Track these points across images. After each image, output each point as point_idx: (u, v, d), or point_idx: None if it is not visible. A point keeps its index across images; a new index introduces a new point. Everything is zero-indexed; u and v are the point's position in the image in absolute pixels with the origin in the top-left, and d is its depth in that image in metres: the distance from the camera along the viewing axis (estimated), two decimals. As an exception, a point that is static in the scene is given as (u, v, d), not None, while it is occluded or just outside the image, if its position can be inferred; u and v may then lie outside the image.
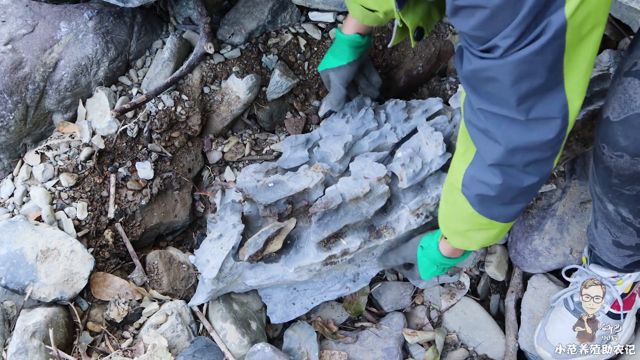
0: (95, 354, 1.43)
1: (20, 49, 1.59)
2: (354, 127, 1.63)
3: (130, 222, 1.66)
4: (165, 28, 1.83)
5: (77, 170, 1.60)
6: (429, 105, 1.69)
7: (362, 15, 1.45)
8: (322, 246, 1.44)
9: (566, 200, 1.67)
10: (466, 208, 1.16)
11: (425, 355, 1.59)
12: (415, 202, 1.50)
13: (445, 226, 1.30)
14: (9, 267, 1.43)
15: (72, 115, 1.68)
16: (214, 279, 1.43)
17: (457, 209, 1.20)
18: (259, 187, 1.50)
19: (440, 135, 1.54)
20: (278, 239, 1.45)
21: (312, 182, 1.49)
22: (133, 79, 1.74)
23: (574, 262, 1.63)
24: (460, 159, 1.15)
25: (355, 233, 1.48)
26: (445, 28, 1.91)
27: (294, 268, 1.44)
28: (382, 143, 1.62)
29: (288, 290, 1.59)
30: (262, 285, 1.53)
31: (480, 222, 1.17)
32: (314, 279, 1.57)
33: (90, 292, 1.51)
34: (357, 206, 1.48)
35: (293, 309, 1.59)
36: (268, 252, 1.44)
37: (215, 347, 1.46)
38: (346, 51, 1.54)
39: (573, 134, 1.60)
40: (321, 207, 1.45)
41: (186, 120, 1.71)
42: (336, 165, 1.56)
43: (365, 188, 1.46)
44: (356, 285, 1.61)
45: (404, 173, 1.50)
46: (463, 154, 1.14)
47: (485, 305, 1.72)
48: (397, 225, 1.51)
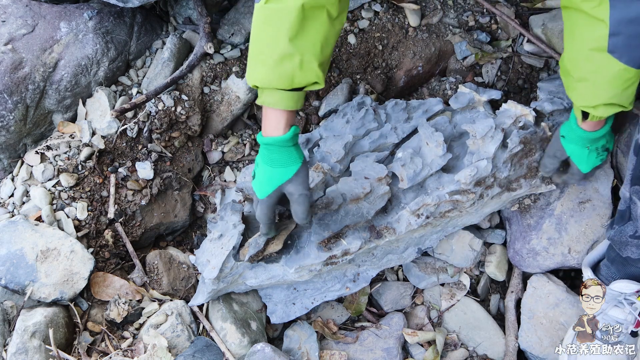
0: (95, 354, 1.43)
1: (20, 49, 1.58)
2: (354, 127, 1.63)
3: (130, 222, 1.66)
4: (165, 28, 1.83)
5: (77, 170, 1.60)
6: (429, 106, 1.69)
7: (295, 100, 1.23)
8: (323, 246, 1.45)
9: (564, 199, 1.67)
10: (613, 66, 1.18)
11: (425, 355, 1.59)
12: (415, 203, 1.50)
13: (586, 100, 1.28)
14: (9, 267, 1.43)
15: (72, 115, 1.68)
16: (214, 279, 1.43)
17: (601, 74, 1.21)
18: None
19: (441, 135, 1.54)
20: (279, 239, 1.45)
21: (313, 182, 1.49)
22: (133, 79, 1.74)
23: (573, 262, 1.63)
24: (591, 22, 1.17)
25: (356, 233, 1.48)
26: (445, 28, 1.91)
27: (294, 268, 1.44)
28: (383, 143, 1.62)
29: (288, 290, 1.60)
30: (262, 286, 1.53)
31: (627, 76, 1.19)
32: (314, 279, 1.57)
33: (90, 292, 1.51)
34: (357, 206, 1.48)
35: (293, 309, 1.59)
36: (269, 253, 1.44)
37: (215, 347, 1.46)
38: (294, 151, 1.26)
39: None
40: (322, 208, 1.45)
41: (186, 120, 1.71)
42: (336, 165, 1.56)
43: (365, 188, 1.46)
44: (356, 285, 1.61)
45: (404, 173, 1.50)
46: (595, 12, 1.16)
47: (485, 305, 1.72)
48: (397, 225, 1.51)
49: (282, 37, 1.15)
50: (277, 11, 1.14)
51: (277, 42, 1.16)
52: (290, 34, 1.15)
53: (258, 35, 1.19)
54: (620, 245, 1.41)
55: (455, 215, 1.57)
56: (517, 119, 1.58)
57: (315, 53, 1.18)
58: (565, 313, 1.60)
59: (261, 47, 1.18)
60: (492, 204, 1.63)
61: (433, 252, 1.72)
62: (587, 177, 1.47)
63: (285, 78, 1.18)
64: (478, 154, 1.53)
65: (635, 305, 1.45)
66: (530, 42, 1.89)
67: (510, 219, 1.73)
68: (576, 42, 1.25)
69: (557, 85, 1.67)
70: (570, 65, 1.30)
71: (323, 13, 1.17)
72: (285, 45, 1.16)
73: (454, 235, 1.70)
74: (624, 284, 1.45)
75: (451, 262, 1.70)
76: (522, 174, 1.58)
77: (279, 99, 1.21)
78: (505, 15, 1.87)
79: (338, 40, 1.84)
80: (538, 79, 1.91)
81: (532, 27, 1.90)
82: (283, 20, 1.14)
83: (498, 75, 1.90)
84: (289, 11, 1.13)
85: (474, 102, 1.65)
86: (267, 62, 1.18)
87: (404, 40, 1.87)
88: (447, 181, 1.52)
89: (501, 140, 1.53)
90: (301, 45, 1.16)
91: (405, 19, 1.87)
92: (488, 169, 1.50)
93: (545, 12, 1.90)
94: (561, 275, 1.75)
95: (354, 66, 1.86)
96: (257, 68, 1.20)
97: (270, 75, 1.18)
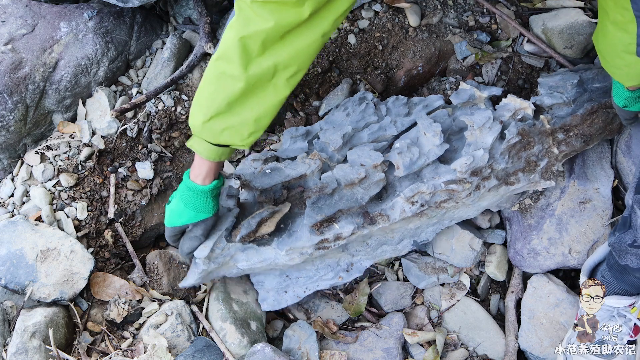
0: (95, 354, 1.43)
1: (20, 49, 1.58)
2: (354, 119, 1.64)
3: (130, 222, 1.66)
4: (165, 28, 1.83)
5: (77, 170, 1.60)
6: (429, 101, 1.69)
7: (219, 154, 1.28)
8: (315, 229, 1.45)
9: (565, 200, 1.67)
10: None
11: (425, 355, 1.59)
12: (410, 189, 1.49)
13: (621, 79, 1.41)
14: (9, 267, 1.43)
15: (72, 115, 1.68)
16: (205, 258, 1.42)
17: (632, 68, 1.33)
18: (256, 174, 1.51)
19: (439, 126, 1.55)
20: (271, 221, 1.46)
21: (309, 169, 1.50)
22: (133, 79, 1.74)
23: (573, 262, 1.63)
24: (621, 31, 1.28)
25: (349, 218, 1.48)
26: (446, 28, 1.91)
27: (285, 250, 1.44)
28: (382, 135, 1.63)
29: (280, 278, 1.59)
30: (253, 269, 1.52)
31: None
32: (306, 266, 1.57)
33: (90, 292, 1.51)
34: (352, 192, 1.49)
35: (285, 297, 1.58)
36: (261, 234, 1.45)
37: (215, 347, 1.46)
38: (210, 203, 1.35)
39: (573, 129, 1.61)
40: (316, 191, 1.46)
41: (186, 120, 1.71)
42: (334, 155, 1.57)
43: (360, 174, 1.47)
44: (349, 275, 1.61)
45: (400, 161, 1.51)
46: (623, 25, 1.26)
47: (485, 305, 1.72)
48: (391, 212, 1.51)
49: (221, 98, 1.19)
50: (225, 73, 1.16)
51: (215, 100, 1.19)
52: (230, 98, 1.18)
53: (202, 86, 1.23)
54: (619, 253, 1.41)
55: (451, 206, 1.56)
56: (516, 112, 1.59)
57: (248, 123, 1.22)
58: (565, 313, 1.60)
59: (201, 99, 1.22)
60: (489, 197, 1.62)
61: (433, 252, 1.72)
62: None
63: (212, 134, 1.23)
64: (475, 144, 1.53)
65: (629, 317, 1.46)
66: (531, 42, 1.89)
67: (511, 219, 1.73)
68: (607, 40, 1.36)
69: (557, 81, 1.67)
70: (604, 52, 1.41)
71: (269, 92, 1.19)
72: (221, 106, 1.19)
73: (454, 235, 1.70)
74: (615, 299, 1.47)
75: (451, 262, 1.70)
76: (520, 167, 1.58)
77: (204, 149, 1.27)
78: (505, 16, 1.88)
79: (338, 40, 1.84)
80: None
81: (532, 27, 1.90)
82: (227, 83, 1.17)
83: (498, 75, 1.90)
84: (236, 79, 1.16)
85: (475, 99, 1.65)
86: (202, 113, 1.22)
87: (404, 40, 1.87)
88: (443, 171, 1.52)
89: (499, 131, 1.53)
90: (236, 112, 1.20)
91: (405, 19, 1.87)
92: (485, 158, 1.50)
93: (545, 12, 1.90)
94: (561, 276, 1.75)
95: (354, 66, 1.86)
96: (194, 114, 1.25)
97: (201, 127, 1.23)
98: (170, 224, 1.39)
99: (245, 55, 1.12)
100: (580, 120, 1.61)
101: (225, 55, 1.14)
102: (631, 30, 1.24)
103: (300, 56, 1.15)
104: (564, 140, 1.60)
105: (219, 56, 1.16)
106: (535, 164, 1.58)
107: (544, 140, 1.59)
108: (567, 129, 1.61)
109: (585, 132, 1.61)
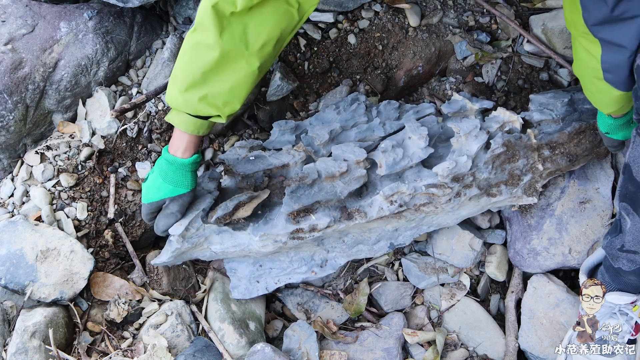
0: (95, 354, 1.44)
1: (20, 49, 1.59)
2: (343, 118, 1.65)
3: (130, 222, 1.66)
4: (165, 28, 1.83)
5: (77, 170, 1.60)
6: (421, 108, 1.70)
7: (198, 127, 1.30)
8: (292, 218, 1.46)
9: (565, 200, 1.67)
10: (612, 92, 1.28)
11: (425, 355, 1.59)
12: (390, 188, 1.49)
13: (599, 106, 1.42)
14: (9, 267, 1.43)
15: (72, 115, 1.68)
16: (179, 236, 1.42)
17: (605, 94, 1.32)
18: (240, 159, 1.53)
19: (425, 129, 1.55)
20: (249, 205, 1.46)
21: (293, 159, 1.52)
22: (133, 79, 1.74)
23: (573, 262, 1.63)
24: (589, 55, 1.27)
25: (327, 211, 1.48)
26: (445, 28, 1.91)
27: (259, 235, 1.44)
28: (369, 135, 1.63)
29: (254, 267, 1.60)
30: (227, 253, 1.52)
31: (627, 96, 1.29)
32: (280, 257, 1.57)
33: (90, 292, 1.51)
34: (332, 185, 1.50)
35: (256, 286, 1.59)
36: (237, 217, 1.45)
37: (214, 347, 1.46)
38: (188, 177, 1.35)
39: (559, 146, 1.61)
40: (296, 180, 1.48)
41: (186, 120, 1.71)
42: (320, 149, 1.58)
43: (342, 168, 1.48)
44: (323, 270, 1.61)
45: (383, 160, 1.51)
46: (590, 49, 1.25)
47: (485, 305, 1.72)
48: (369, 209, 1.51)
49: (196, 67, 1.22)
50: (200, 43, 1.20)
51: (191, 70, 1.22)
52: (204, 68, 1.21)
53: (179, 58, 1.25)
54: (612, 256, 1.41)
55: (430, 210, 1.56)
56: (504, 124, 1.60)
57: (223, 92, 1.24)
58: (565, 313, 1.60)
59: (177, 71, 1.25)
60: (470, 207, 1.61)
61: (433, 252, 1.72)
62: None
63: (189, 105, 1.25)
64: (460, 151, 1.53)
65: (630, 315, 1.46)
66: (531, 42, 1.89)
67: (511, 219, 1.73)
68: (580, 65, 1.36)
69: (548, 98, 1.67)
70: (580, 78, 1.42)
71: (242, 62, 1.22)
72: (196, 76, 1.22)
73: (454, 235, 1.70)
74: (617, 295, 1.46)
75: (451, 262, 1.70)
76: (503, 179, 1.58)
77: (182, 121, 1.28)
78: (504, 16, 1.88)
79: (338, 40, 1.84)
80: (538, 78, 1.91)
81: (532, 27, 1.90)
82: (202, 53, 1.21)
83: (498, 75, 1.90)
84: (210, 47, 1.19)
85: (466, 110, 1.65)
86: (178, 84, 1.25)
87: (404, 40, 1.87)
88: (425, 175, 1.53)
89: (485, 140, 1.53)
90: (211, 82, 1.23)
91: (405, 19, 1.88)
92: (467, 165, 1.51)
93: (545, 12, 1.90)
94: (561, 276, 1.75)
95: (354, 66, 1.86)
96: (170, 88, 1.27)
97: (178, 98, 1.25)
98: (147, 200, 1.39)
99: (219, 21, 1.16)
100: (567, 138, 1.61)
101: (200, 24, 1.18)
102: (597, 54, 1.22)
103: (268, 24, 1.19)
104: (549, 157, 1.60)
105: (195, 28, 1.20)
106: (519, 178, 1.58)
107: (529, 154, 1.59)
108: (553, 146, 1.61)
109: (571, 151, 1.61)
